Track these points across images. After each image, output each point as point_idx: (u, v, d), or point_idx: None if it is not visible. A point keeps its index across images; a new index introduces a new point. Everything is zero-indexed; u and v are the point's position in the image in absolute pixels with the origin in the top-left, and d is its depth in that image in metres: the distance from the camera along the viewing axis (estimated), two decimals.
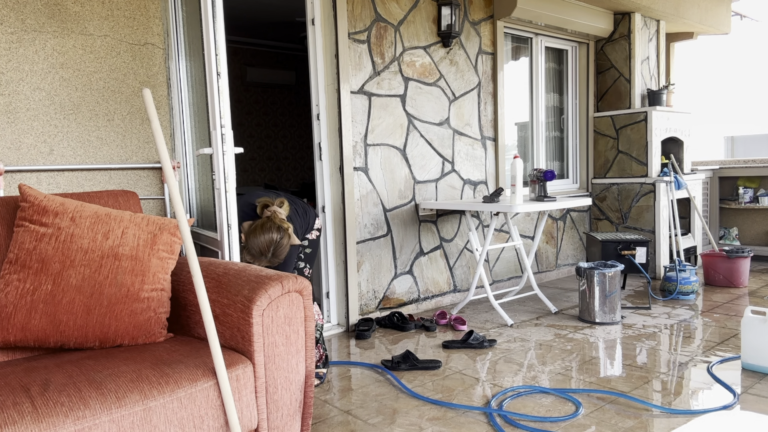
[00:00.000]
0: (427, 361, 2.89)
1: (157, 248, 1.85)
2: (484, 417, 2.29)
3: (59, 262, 1.73)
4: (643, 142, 5.00)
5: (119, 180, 2.88)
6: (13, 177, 2.58)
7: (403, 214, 3.91)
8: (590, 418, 2.24)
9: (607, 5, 4.97)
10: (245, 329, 1.67)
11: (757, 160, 5.70)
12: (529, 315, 3.84)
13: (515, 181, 3.57)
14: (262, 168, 7.23)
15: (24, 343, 1.74)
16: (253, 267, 1.86)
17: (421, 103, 3.98)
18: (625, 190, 5.14)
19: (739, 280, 4.45)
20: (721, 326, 3.43)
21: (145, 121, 2.95)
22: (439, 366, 2.86)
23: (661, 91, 5.16)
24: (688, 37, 6.00)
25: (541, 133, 5.10)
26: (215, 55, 2.23)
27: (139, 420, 1.43)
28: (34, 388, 1.43)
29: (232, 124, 2.58)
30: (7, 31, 2.54)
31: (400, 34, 3.83)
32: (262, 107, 7.18)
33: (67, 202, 1.84)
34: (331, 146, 3.58)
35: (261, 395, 1.68)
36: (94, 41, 2.78)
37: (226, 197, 2.29)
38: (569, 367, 2.82)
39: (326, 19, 3.50)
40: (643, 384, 2.58)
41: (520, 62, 4.93)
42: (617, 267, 3.56)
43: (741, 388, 2.50)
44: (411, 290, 3.98)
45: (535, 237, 4.10)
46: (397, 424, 2.25)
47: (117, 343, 1.79)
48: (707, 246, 5.72)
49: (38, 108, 2.64)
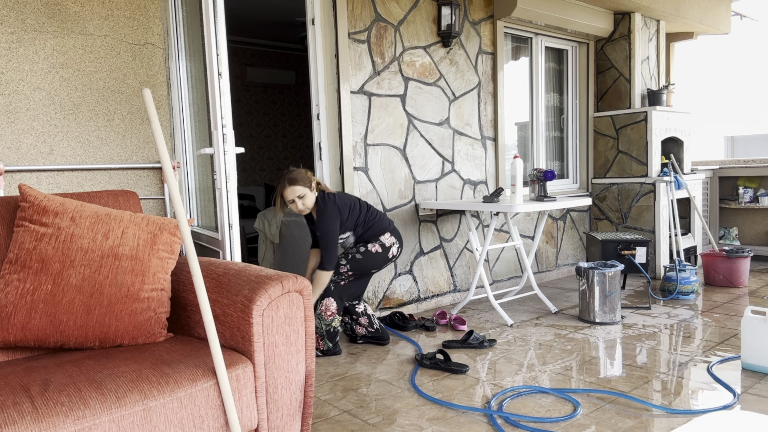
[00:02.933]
0: (456, 364, 2.82)
1: (157, 248, 1.85)
2: (484, 417, 2.29)
3: (59, 262, 1.73)
4: (643, 142, 5.00)
5: (119, 180, 2.88)
6: (13, 177, 2.58)
7: (403, 214, 3.91)
8: (590, 418, 2.24)
9: (607, 5, 4.97)
10: (245, 329, 1.67)
11: (757, 160, 5.70)
12: (529, 315, 3.84)
13: (515, 181, 3.56)
14: (262, 168, 7.23)
15: (24, 343, 1.74)
16: (253, 267, 1.86)
17: (421, 103, 3.98)
18: (625, 190, 5.14)
19: (739, 280, 4.45)
20: (721, 326, 3.43)
21: (145, 121, 2.95)
22: (465, 371, 2.78)
23: (661, 91, 5.16)
24: (688, 37, 6.00)
25: (541, 133, 5.10)
26: (216, 55, 2.23)
27: (139, 420, 1.43)
28: (34, 388, 1.43)
29: (232, 124, 2.56)
30: (7, 31, 2.54)
31: (400, 34, 3.83)
32: (262, 107, 7.18)
33: (67, 202, 1.84)
34: (331, 146, 3.58)
35: (261, 395, 1.68)
36: (94, 41, 2.78)
37: (227, 197, 2.29)
38: (569, 367, 2.82)
39: (326, 19, 3.50)
40: (643, 384, 2.58)
41: (520, 62, 4.93)
42: (617, 267, 3.56)
43: (741, 388, 2.50)
44: (411, 290, 3.98)
45: (535, 237, 4.10)
46: (397, 424, 2.25)
47: (117, 343, 1.79)
48: (707, 246, 5.72)
49: (38, 108, 2.64)
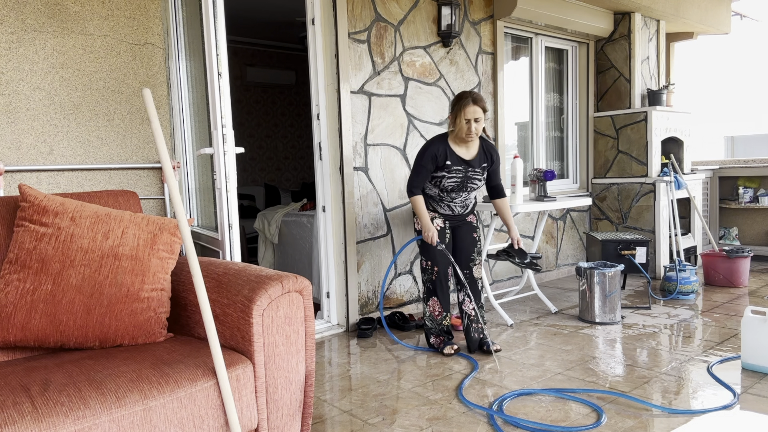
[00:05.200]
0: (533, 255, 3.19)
1: (157, 248, 1.85)
2: (484, 417, 2.29)
3: (59, 261, 1.73)
4: (643, 142, 5.00)
5: (119, 180, 2.88)
6: (13, 177, 2.58)
7: (403, 214, 3.91)
8: (590, 418, 2.24)
9: (607, 5, 4.97)
10: (245, 329, 1.67)
11: (757, 160, 5.70)
12: (529, 315, 3.84)
13: (515, 181, 3.57)
14: (262, 168, 7.23)
15: (24, 343, 1.74)
16: (253, 267, 1.86)
17: (421, 103, 3.98)
18: (625, 190, 5.14)
19: (739, 280, 4.45)
20: (721, 326, 3.43)
21: (145, 121, 2.95)
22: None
23: (661, 91, 5.16)
24: (688, 37, 6.00)
25: (541, 133, 5.10)
26: (216, 55, 2.23)
27: (139, 420, 1.43)
28: (34, 388, 1.43)
29: (232, 124, 2.56)
30: (7, 31, 2.54)
31: (400, 33, 3.83)
32: (262, 107, 7.18)
33: (67, 202, 1.84)
34: (331, 146, 3.58)
35: (261, 395, 1.68)
36: (94, 41, 2.78)
37: (227, 197, 2.29)
38: (569, 367, 2.82)
39: (326, 19, 3.50)
40: (643, 384, 2.57)
41: (520, 62, 4.93)
42: (617, 267, 3.56)
43: (741, 388, 2.50)
44: (411, 290, 3.98)
45: (535, 237, 4.10)
46: (397, 424, 2.25)
47: (117, 343, 1.79)
48: (707, 246, 5.72)
49: (38, 108, 2.64)
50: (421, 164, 3.00)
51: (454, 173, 3.01)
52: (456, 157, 3.00)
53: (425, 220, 3.01)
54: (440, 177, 3.01)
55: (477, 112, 2.89)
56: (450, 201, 3.11)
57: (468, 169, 3.03)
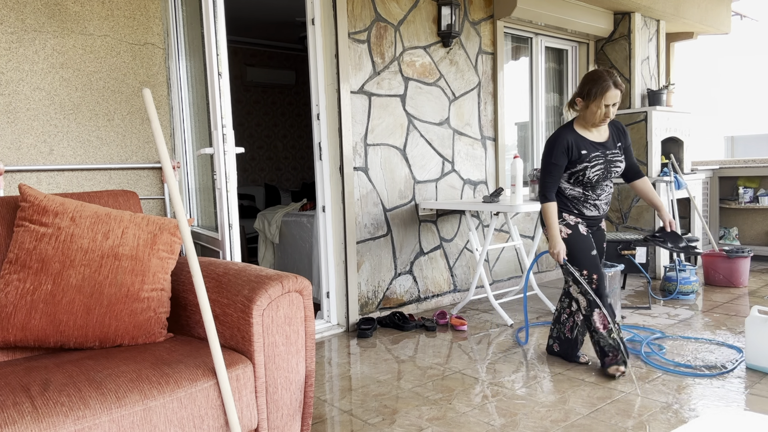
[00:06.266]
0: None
1: (157, 248, 1.85)
2: (484, 417, 2.29)
3: (59, 261, 1.73)
4: (643, 142, 5.00)
5: (119, 180, 2.88)
6: (13, 177, 2.58)
7: (403, 214, 3.91)
8: (590, 418, 2.24)
9: (607, 5, 4.97)
10: (245, 329, 1.67)
11: (757, 160, 5.69)
12: (529, 315, 3.84)
13: (515, 180, 3.56)
14: (262, 168, 7.23)
15: (24, 343, 1.73)
16: (253, 267, 1.86)
17: (421, 103, 3.98)
18: (625, 189, 5.14)
19: (739, 280, 4.45)
20: (722, 326, 3.43)
21: (145, 121, 2.95)
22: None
23: (661, 91, 5.16)
24: (688, 37, 5.99)
25: (541, 133, 5.10)
26: (216, 55, 2.23)
27: (139, 420, 1.43)
28: (34, 388, 1.42)
29: (232, 124, 2.57)
30: (7, 31, 2.54)
31: (400, 34, 3.83)
32: (262, 107, 7.18)
33: (67, 202, 1.84)
34: (331, 146, 3.58)
35: (261, 395, 1.68)
36: (94, 41, 2.78)
37: (227, 197, 2.29)
38: (569, 367, 2.82)
39: (326, 19, 3.50)
40: (643, 384, 2.57)
41: (520, 62, 4.93)
42: (617, 267, 3.56)
43: (743, 387, 2.50)
44: (411, 290, 3.98)
45: (535, 237, 4.10)
46: (397, 424, 2.25)
47: (117, 343, 1.79)
48: (707, 246, 5.72)
49: (38, 108, 2.64)
50: (551, 162, 2.64)
51: (595, 161, 2.65)
52: (589, 143, 2.67)
53: (555, 233, 2.66)
54: (581, 170, 2.65)
55: (617, 97, 2.56)
56: (596, 198, 2.73)
57: (607, 153, 2.69)
